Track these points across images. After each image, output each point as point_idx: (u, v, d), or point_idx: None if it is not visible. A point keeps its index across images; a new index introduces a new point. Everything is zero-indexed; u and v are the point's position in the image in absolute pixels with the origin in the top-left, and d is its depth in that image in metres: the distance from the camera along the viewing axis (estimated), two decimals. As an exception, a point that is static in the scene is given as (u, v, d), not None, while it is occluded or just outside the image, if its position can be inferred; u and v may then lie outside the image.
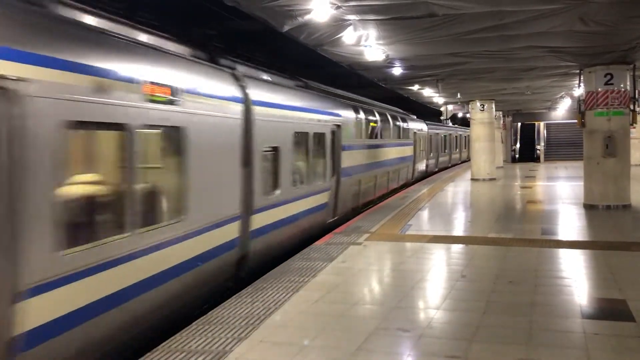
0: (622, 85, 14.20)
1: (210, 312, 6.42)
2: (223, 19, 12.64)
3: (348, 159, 13.97)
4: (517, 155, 40.22)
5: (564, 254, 9.40)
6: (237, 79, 8.46)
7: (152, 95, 6.00)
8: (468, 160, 44.09)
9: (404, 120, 22.65)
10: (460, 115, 37.67)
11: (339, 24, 10.19)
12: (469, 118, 26.60)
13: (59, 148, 4.69)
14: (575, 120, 15.54)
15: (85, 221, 5.43)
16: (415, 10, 9.38)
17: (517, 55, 13.60)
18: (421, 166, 26.82)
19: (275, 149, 9.47)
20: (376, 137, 17.87)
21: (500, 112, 34.08)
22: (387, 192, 19.18)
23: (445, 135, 34.79)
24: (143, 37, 6.87)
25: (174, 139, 6.58)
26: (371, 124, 17.15)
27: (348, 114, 14.53)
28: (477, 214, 14.74)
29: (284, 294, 7.07)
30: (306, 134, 11.15)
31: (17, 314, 4.26)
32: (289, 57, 17.14)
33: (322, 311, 6.55)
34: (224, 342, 5.49)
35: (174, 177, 6.70)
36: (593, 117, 14.41)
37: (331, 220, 12.72)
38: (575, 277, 7.93)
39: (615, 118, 14.19)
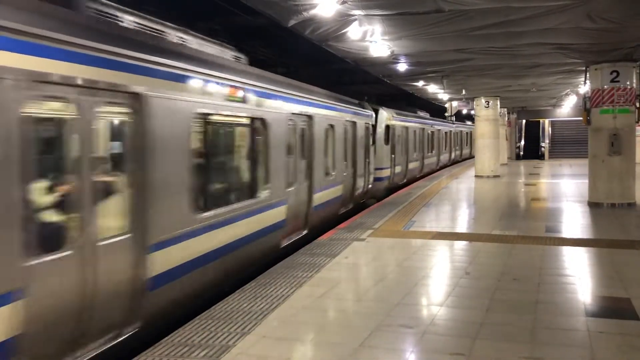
0: (628, 83, 14.13)
1: (213, 307, 6.42)
2: (228, 14, 12.62)
3: None
4: (521, 153, 40.08)
5: (568, 251, 9.37)
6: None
7: None
8: (449, 164, 33.90)
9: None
10: (464, 111, 37.27)
11: (345, 19, 10.15)
12: (474, 115, 26.53)
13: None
14: (581, 118, 15.48)
15: None
16: (422, 6, 9.35)
17: (523, 52, 13.54)
18: (331, 194, 12.76)
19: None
20: None
21: (505, 109, 33.98)
22: None
23: (415, 131, 24.44)
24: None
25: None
26: None
27: None
28: (481, 211, 14.70)
29: (287, 290, 7.06)
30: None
31: None
32: (293, 53, 17.11)
33: (325, 307, 6.54)
34: (227, 336, 5.48)
35: None
36: (598, 115, 14.35)
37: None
38: (580, 275, 7.90)
39: (621, 116, 14.14)
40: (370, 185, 16.73)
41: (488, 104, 24.91)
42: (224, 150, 8.75)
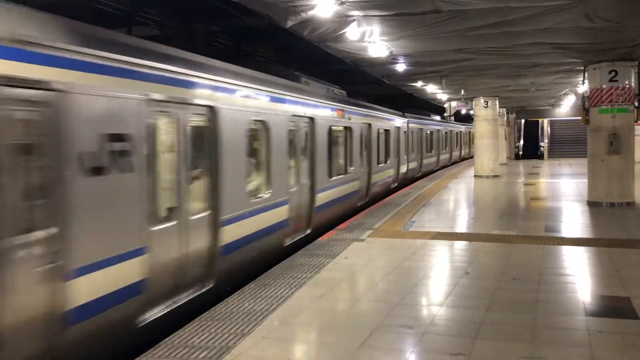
0: (626, 82, 14.14)
1: (213, 308, 6.42)
2: (227, 15, 12.61)
3: None
4: (520, 152, 40.09)
5: (567, 251, 9.38)
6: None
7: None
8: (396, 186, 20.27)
9: None
10: (464, 111, 37.12)
11: (343, 20, 10.16)
12: (473, 115, 26.57)
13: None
14: (580, 117, 15.50)
15: None
16: (420, 7, 9.36)
17: (521, 52, 13.56)
18: None
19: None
20: None
21: (504, 109, 34.01)
22: None
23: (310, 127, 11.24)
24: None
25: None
26: None
27: None
28: (481, 211, 14.71)
29: (287, 290, 7.06)
30: None
31: None
32: (292, 54, 17.11)
33: (325, 307, 6.54)
34: (227, 337, 5.49)
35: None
36: (597, 114, 14.36)
37: None
38: (579, 274, 7.91)
39: (620, 115, 14.15)
40: None
41: (487, 104, 24.92)
42: None
